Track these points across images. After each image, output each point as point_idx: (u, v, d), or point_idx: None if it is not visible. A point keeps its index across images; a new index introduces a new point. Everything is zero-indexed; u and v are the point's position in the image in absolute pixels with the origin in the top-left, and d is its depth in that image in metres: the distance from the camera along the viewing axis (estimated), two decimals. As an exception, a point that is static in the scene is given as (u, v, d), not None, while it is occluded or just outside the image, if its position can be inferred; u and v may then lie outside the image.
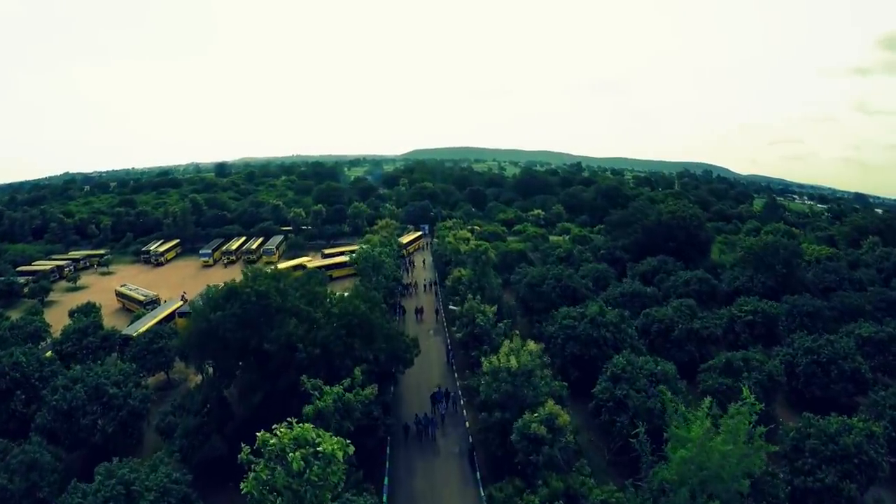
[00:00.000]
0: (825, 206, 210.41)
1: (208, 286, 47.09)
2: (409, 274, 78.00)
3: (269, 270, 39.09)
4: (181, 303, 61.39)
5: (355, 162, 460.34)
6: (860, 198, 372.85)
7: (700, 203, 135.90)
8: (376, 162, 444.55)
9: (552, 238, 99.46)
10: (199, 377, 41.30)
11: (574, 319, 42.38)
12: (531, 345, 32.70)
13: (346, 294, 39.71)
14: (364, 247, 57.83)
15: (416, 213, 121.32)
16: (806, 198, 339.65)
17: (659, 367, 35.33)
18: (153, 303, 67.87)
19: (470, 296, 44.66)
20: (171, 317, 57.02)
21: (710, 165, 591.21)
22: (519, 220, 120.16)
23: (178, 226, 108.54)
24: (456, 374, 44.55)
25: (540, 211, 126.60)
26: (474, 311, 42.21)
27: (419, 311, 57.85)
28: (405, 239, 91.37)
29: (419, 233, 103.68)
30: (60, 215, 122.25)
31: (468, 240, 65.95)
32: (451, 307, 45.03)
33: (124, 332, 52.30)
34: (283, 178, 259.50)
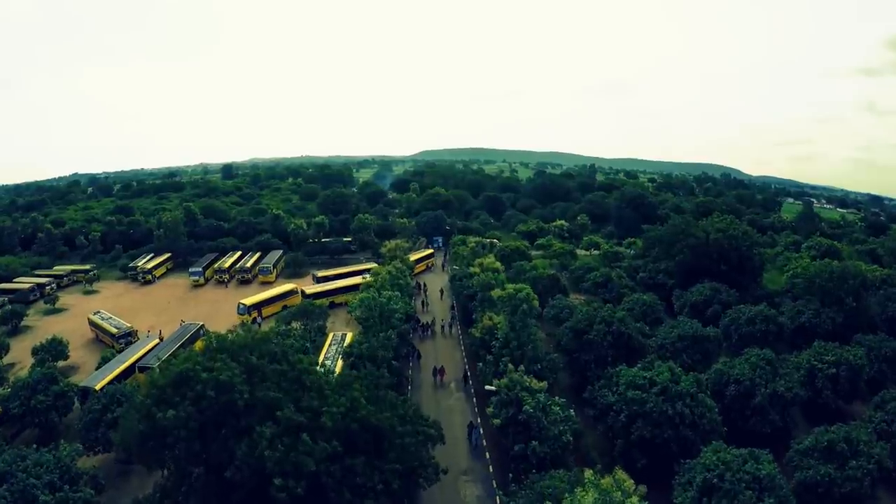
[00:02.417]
0: (859, 215, 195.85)
1: (153, 369, 36.83)
2: (424, 306, 67.49)
3: (240, 335, 29.54)
4: (155, 342, 52.54)
5: (364, 163, 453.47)
6: (875, 200, 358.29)
7: (732, 212, 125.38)
8: (385, 163, 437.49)
9: (580, 253, 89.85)
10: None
11: (641, 390, 32.94)
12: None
13: (346, 372, 30.32)
14: (369, 286, 47.19)
15: (429, 224, 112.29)
16: (824, 201, 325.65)
17: (762, 470, 26.06)
18: (127, 336, 59.06)
19: (511, 366, 34.98)
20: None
21: (721, 167, 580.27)
22: (541, 231, 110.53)
23: (169, 238, 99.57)
24: (494, 479, 33.73)
25: (563, 222, 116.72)
26: (517, 388, 32.53)
27: (438, 371, 46.72)
28: (414, 257, 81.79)
29: (430, 251, 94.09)
30: (48, 225, 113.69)
31: (497, 271, 55.89)
32: (487, 387, 34.62)
33: (83, 384, 43.80)
34: (290, 180, 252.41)
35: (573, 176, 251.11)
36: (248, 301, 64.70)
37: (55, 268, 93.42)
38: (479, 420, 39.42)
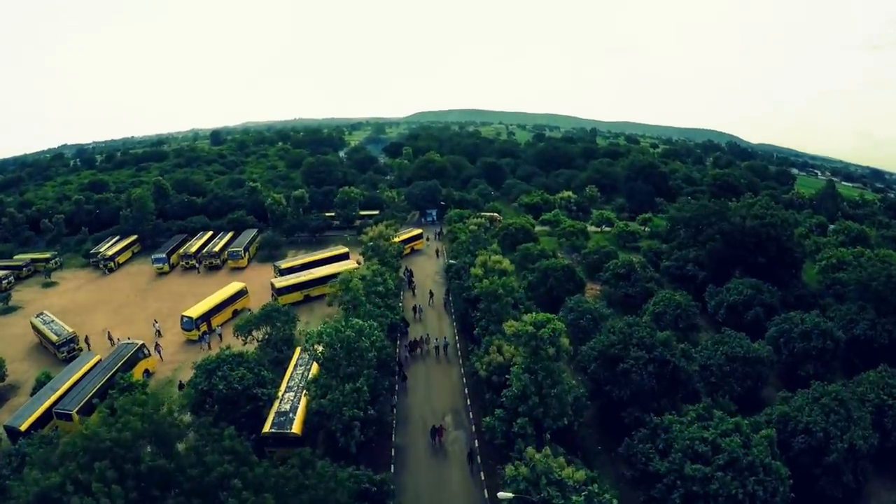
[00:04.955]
0: (878, 195, 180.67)
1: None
2: (416, 313, 54.41)
3: (131, 422, 20.70)
4: (95, 359, 43.54)
5: (357, 125, 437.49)
6: (876, 174, 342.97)
7: (751, 189, 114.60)
8: (379, 125, 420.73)
9: (590, 230, 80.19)
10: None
11: (702, 461, 24.33)
12: None
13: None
14: (334, 315, 34.47)
15: (421, 195, 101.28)
16: (829, 173, 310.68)
17: None
18: (69, 343, 51.20)
19: (531, 450, 25.68)
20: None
21: (720, 133, 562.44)
22: (546, 203, 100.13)
23: (136, 218, 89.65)
24: None
25: (570, 193, 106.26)
26: (543, 480, 23.47)
27: (437, 432, 34.96)
28: (398, 238, 69.32)
29: (418, 231, 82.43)
30: (12, 209, 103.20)
31: (506, 272, 42.55)
32: (500, 494, 23.79)
33: (8, 423, 36.67)
34: (280, 144, 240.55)
35: (575, 141, 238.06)
36: (193, 312, 52.94)
37: (15, 257, 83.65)
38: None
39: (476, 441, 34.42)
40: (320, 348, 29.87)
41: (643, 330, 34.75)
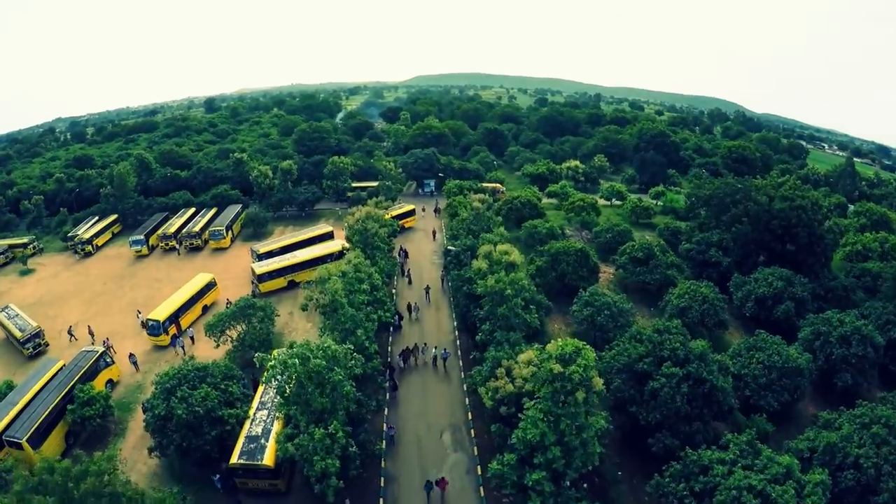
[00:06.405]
0: (893, 174, 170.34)
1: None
2: (411, 313, 47.56)
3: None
4: (58, 366, 38.71)
5: (355, 90, 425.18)
6: (883, 150, 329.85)
7: (763, 163, 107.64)
8: (377, 90, 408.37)
9: (600, 203, 74.26)
10: None
11: None
12: None
13: None
14: (296, 345, 25.99)
15: (419, 164, 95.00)
16: (836, 147, 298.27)
17: None
18: (33, 339, 47.31)
19: (546, 484, 21.87)
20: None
21: (724, 101, 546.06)
22: (552, 173, 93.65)
23: (116, 195, 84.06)
24: None
25: (577, 163, 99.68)
26: None
27: (437, 484, 28.56)
28: (389, 215, 64.26)
29: (410, 207, 75.40)
30: None
31: (515, 266, 36.00)
32: None
33: None
34: (275, 110, 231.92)
35: (579, 106, 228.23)
36: (159, 314, 46.22)
37: None
38: None
39: (479, 468, 29.72)
40: (281, 380, 24.46)
41: (675, 339, 29.63)
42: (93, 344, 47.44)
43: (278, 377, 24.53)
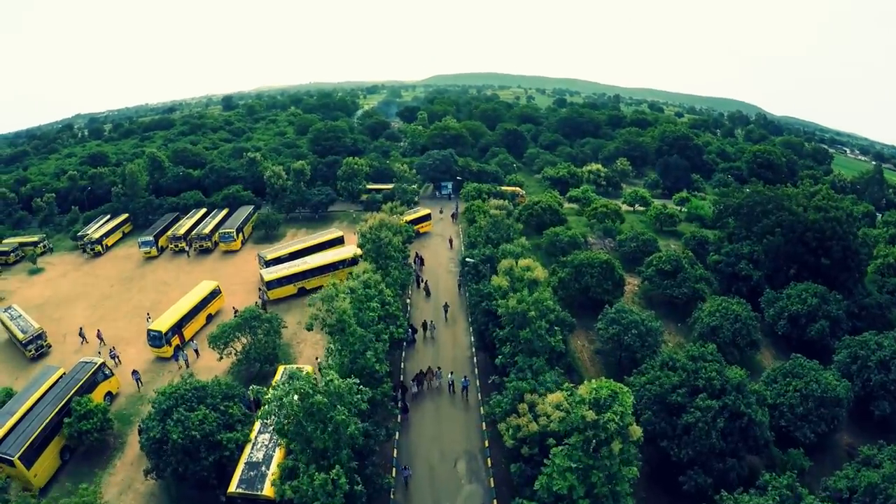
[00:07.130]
0: None
1: None
2: (425, 330, 44.42)
3: None
4: (58, 375, 37.01)
5: (373, 89, 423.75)
6: None
7: (789, 168, 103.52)
8: (395, 89, 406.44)
9: (623, 208, 71.24)
10: None
11: None
12: None
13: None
14: (286, 382, 23.42)
15: (435, 166, 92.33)
16: (858, 151, 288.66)
17: None
18: (35, 340, 46.32)
19: None
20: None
21: (742, 103, 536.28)
22: (572, 177, 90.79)
23: (127, 195, 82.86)
24: None
25: (599, 166, 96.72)
26: None
27: None
28: (403, 220, 60.22)
29: (426, 211, 72.76)
30: (4, 189, 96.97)
31: (537, 282, 32.99)
32: None
33: None
34: (292, 109, 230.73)
35: (598, 107, 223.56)
36: (161, 325, 44.09)
37: (3, 241, 77.76)
38: None
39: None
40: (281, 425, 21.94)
41: (711, 367, 27.02)
42: (102, 347, 46.55)
43: (275, 414, 22.18)
